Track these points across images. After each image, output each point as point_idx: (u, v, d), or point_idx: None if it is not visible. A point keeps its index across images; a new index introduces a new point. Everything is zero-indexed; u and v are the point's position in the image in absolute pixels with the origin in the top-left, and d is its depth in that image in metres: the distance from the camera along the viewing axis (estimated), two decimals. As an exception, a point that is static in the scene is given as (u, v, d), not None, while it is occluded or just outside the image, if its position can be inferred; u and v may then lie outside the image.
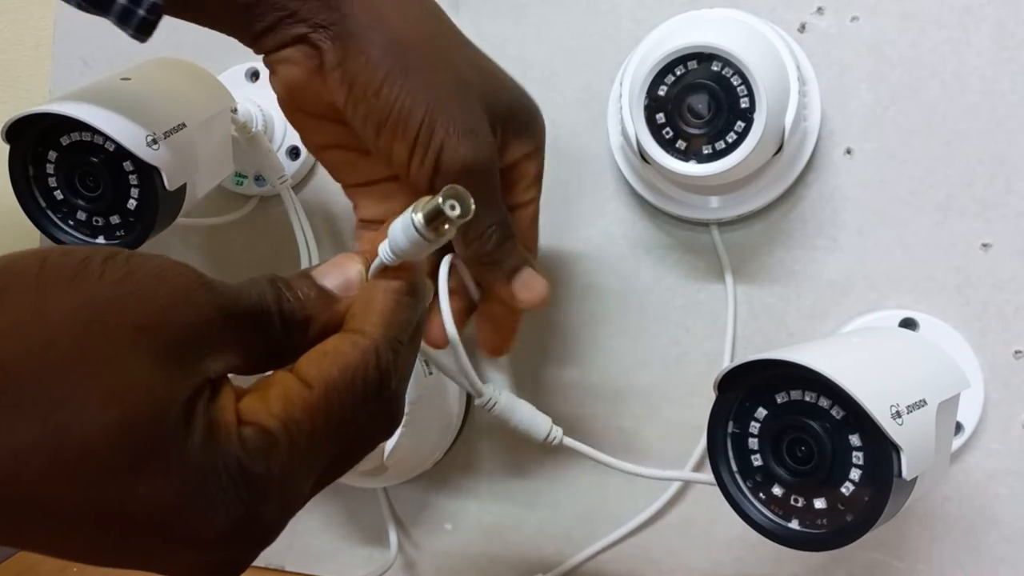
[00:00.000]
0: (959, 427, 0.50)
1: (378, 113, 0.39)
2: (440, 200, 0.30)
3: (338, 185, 0.45)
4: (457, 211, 0.30)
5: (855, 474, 0.37)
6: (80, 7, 0.40)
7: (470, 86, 0.40)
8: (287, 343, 0.31)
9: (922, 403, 0.38)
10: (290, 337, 0.31)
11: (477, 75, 0.41)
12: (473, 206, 0.30)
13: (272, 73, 0.41)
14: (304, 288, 0.31)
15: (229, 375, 0.29)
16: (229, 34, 0.40)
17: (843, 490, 0.37)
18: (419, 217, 0.30)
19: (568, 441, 0.47)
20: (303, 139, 0.44)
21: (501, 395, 0.45)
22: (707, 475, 0.52)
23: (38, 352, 0.25)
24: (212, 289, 0.28)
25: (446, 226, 0.30)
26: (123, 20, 0.39)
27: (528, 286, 0.43)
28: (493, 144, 0.40)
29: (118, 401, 0.25)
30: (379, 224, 0.38)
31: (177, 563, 0.28)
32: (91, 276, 0.26)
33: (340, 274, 0.32)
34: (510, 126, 0.42)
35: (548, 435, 0.46)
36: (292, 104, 0.41)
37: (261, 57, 0.41)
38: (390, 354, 0.31)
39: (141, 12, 0.39)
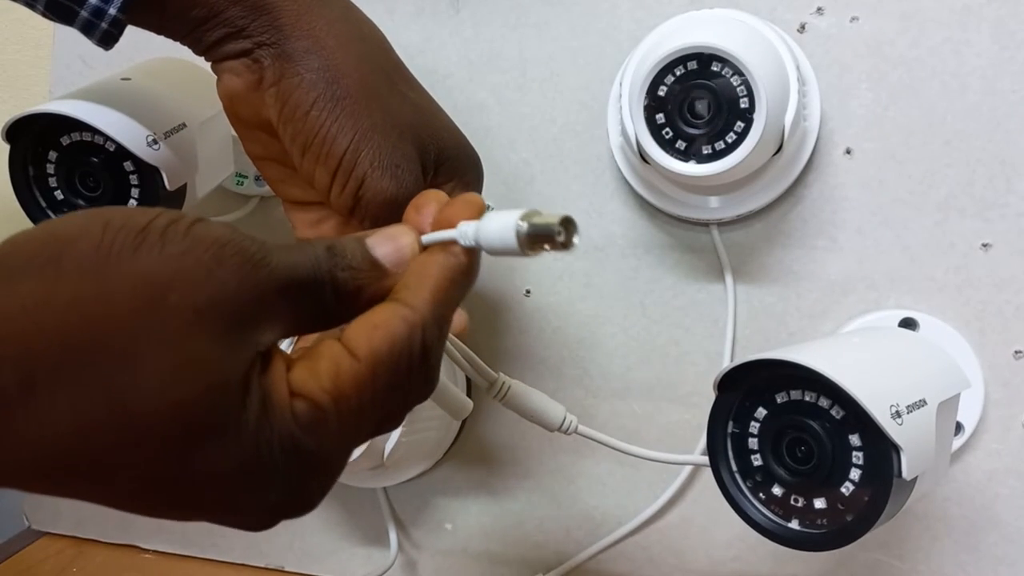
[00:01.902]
0: (959, 427, 0.50)
1: (304, 135, 0.39)
2: (555, 223, 0.29)
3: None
4: (562, 239, 0.30)
5: (855, 474, 0.37)
6: (45, 16, 0.40)
7: (402, 123, 0.40)
8: (336, 311, 0.31)
9: (922, 403, 0.38)
10: (340, 306, 0.31)
11: (412, 113, 0.41)
12: (576, 243, 0.30)
13: (217, 80, 0.42)
14: (358, 258, 0.31)
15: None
16: (183, 43, 0.41)
17: (843, 490, 0.37)
18: (525, 227, 0.30)
19: (583, 429, 0.47)
20: (244, 147, 0.45)
21: (512, 382, 0.45)
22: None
23: (100, 329, 0.25)
24: (268, 265, 0.29)
25: (545, 246, 0.30)
26: (86, 31, 0.40)
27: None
28: (420, 182, 0.40)
29: (177, 379, 0.26)
30: None
31: (224, 523, 0.29)
32: (152, 249, 0.27)
33: (394, 248, 0.32)
34: (443, 167, 0.43)
35: (563, 422, 0.46)
36: (232, 112, 0.42)
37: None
38: (436, 331, 0.31)
39: (104, 25, 0.40)
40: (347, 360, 0.29)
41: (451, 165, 0.43)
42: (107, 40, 0.40)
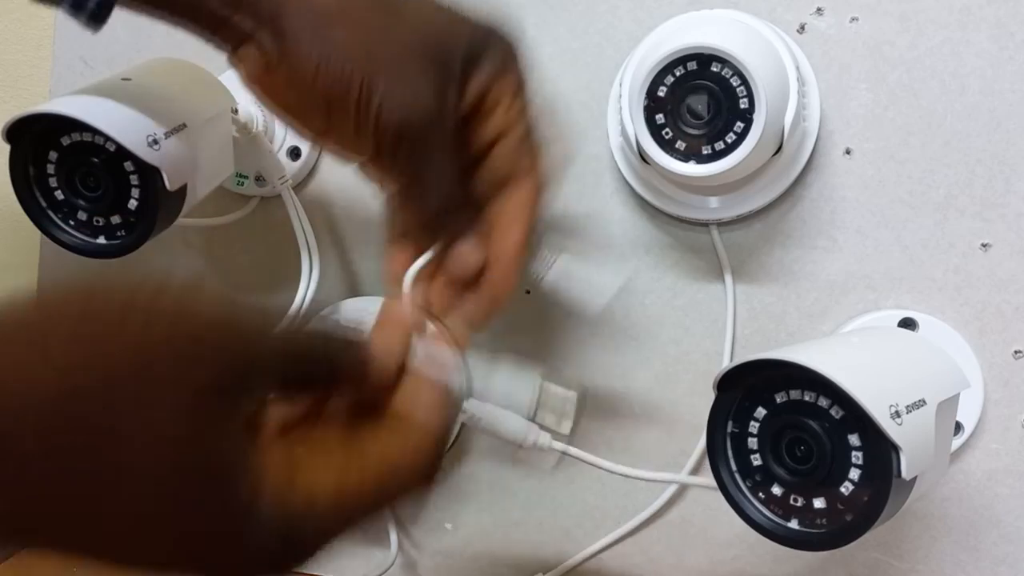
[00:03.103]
0: (959, 427, 0.50)
1: (323, 100, 0.38)
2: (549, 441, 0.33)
3: (339, 186, 0.45)
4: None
5: (855, 474, 0.37)
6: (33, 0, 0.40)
7: (407, 40, 0.39)
8: (324, 386, 0.33)
9: (921, 403, 0.38)
10: (328, 383, 0.33)
11: (420, 24, 0.39)
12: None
13: (237, 72, 0.41)
14: (356, 363, 0.33)
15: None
16: (198, 34, 0.40)
17: (843, 490, 0.37)
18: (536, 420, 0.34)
19: (558, 445, 0.48)
20: (299, 131, 0.43)
21: (483, 408, 0.46)
22: (702, 478, 0.53)
23: (90, 395, 0.26)
24: (254, 350, 0.30)
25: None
26: (75, 11, 0.40)
27: (459, 259, 0.41)
28: (441, 95, 0.39)
29: (159, 460, 0.27)
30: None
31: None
32: (135, 328, 0.27)
33: (387, 364, 0.34)
34: (478, 62, 0.40)
35: (526, 440, 0.47)
36: (265, 99, 0.41)
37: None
38: (438, 449, 0.33)
39: (91, 5, 0.39)
40: (353, 477, 0.31)
41: (485, 57, 0.40)
42: (95, 20, 0.40)
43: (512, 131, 0.41)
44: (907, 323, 0.51)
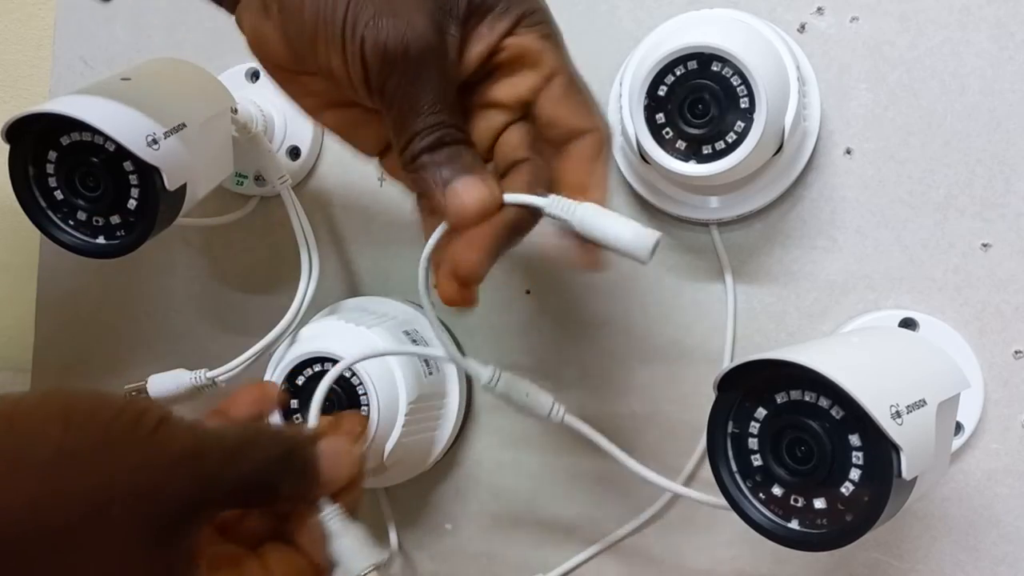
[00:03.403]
0: (959, 427, 0.50)
1: (310, 30, 0.35)
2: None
3: (338, 185, 0.45)
4: None
5: (855, 474, 0.37)
6: None
7: None
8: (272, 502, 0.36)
9: (922, 403, 0.38)
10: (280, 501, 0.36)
11: None
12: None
13: (243, 32, 0.38)
14: (306, 477, 0.35)
15: None
16: None
17: (843, 490, 0.37)
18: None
19: (570, 419, 0.47)
20: (299, 105, 0.40)
21: (502, 374, 0.45)
22: (697, 492, 0.53)
23: (51, 533, 0.26)
24: (220, 480, 0.31)
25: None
26: None
27: (459, 193, 0.35)
28: (425, 27, 0.34)
29: None
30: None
31: None
32: (111, 452, 0.28)
33: (335, 475, 0.36)
34: (473, 5, 0.36)
35: (551, 411, 0.46)
36: (267, 61, 0.38)
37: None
38: None
39: None
40: None
41: (499, 5, 0.36)
42: None
43: (555, 81, 0.37)
44: (907, 323, 0.51)
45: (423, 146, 0.35)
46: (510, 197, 0.36)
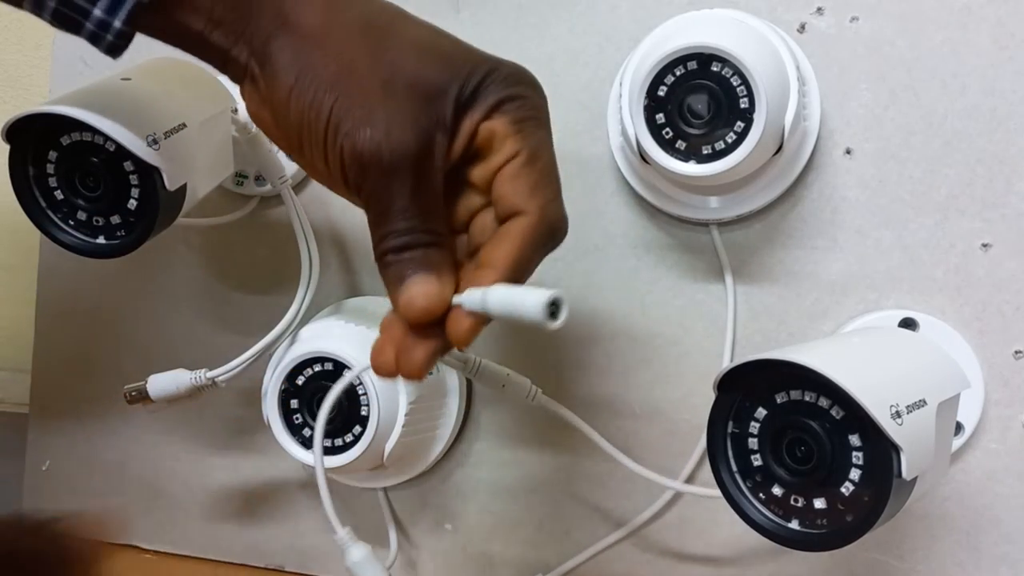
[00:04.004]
0: (959, 427, 0.50)
1: (294, 128, 0.37)
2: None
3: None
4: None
5: (855, 474, 0.37)
6: (52, 24, 0.39)
7: (391, 72, 0.36)
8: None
9: (922, 403, 0.38)
10: None
11: (411, 53, 0.37)
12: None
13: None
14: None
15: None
16: (209, 63, 0.39)
17: (843, 490, 0.37)
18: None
19: (544, 399, 0.52)
20: (308, 173, 0.41)
21: (482, 361, 0.51)
22: (699, 487, 0.53)
23: None
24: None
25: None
26: (93, 41, 0.39)
27: (409, 288, 0.37)
28: (402, 138, 0.36)
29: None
30: None
31: None
32: None
33: None
34: (461, 104, 0.37)
35: (528, 393, 0.53)
36: (266, 133, 0.40)
37: None
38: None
39: (110, 37, 0.38)
40: None
41: (466, 91, 0.37)
42: (114, 51, 0.39)
43: (514, 160, 0.38)
44: (907, 323, 0.51)
45: (390, 247, 0.37)
46: (457, 298, 0.37)
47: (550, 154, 0.39)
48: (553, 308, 0.34)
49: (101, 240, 0.49)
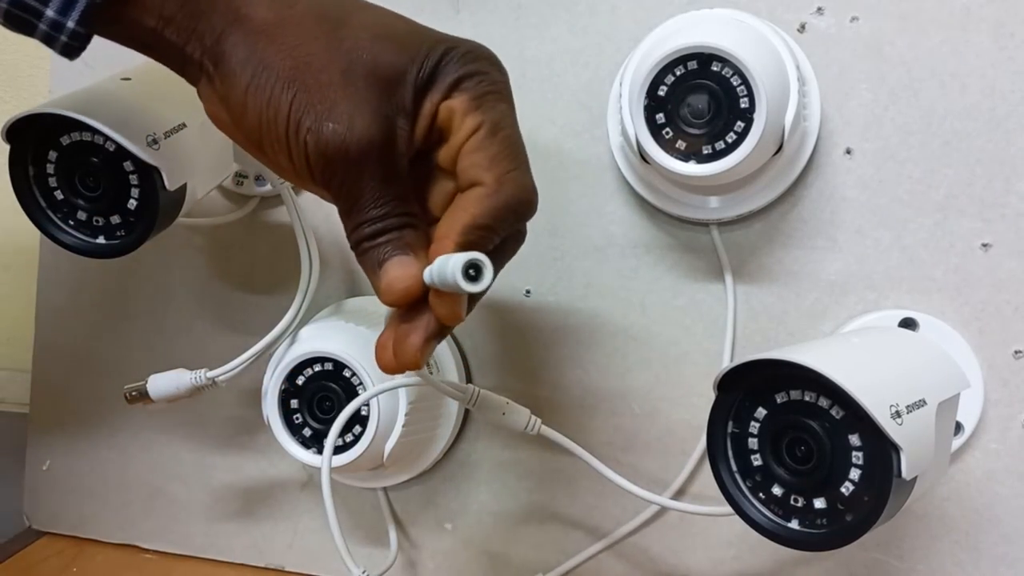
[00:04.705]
0: (959, 427, 0.50)
1: (254, 130, 0.36)
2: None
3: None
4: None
5: (855, 474, 0.37)
6: (5, 27, 0.38)
7: (348, 60, 0.36)
8: None
9: (922, 403, 0.38)
10: None
11: (366, 39, 0.36)
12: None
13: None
14: None
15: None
16: (165, 64, 0.38)
17: (843, 490, 0.37)
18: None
19: (546, 430, 0.50)
20: (277, 174, 0.40)
21: (480, 392, 0.48)
22: (687, 504, 0.53)
23: None
24: None
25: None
26: (47, 42, 0.38)
27: (387, 271, 0.37)
28: (366, 127, 0.35)
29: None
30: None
31: None
32: None
33: None
34: (421, 88, 0.37)
35: (527, 425, 0.49)
36: (226, 134, 0.39)
37: None
38: None
39: (63, 38, 0.37)
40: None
41: (425, 73, 0.37)
42: (69, 52, 0.38)
43: (476, 135, 0.37)
44: (907, 323, 0.51)
45: (365, 234, 0.37)
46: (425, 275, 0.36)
47: (512, 127, 0.38)
48: (473, 271, 0.33)
49: (101, 240, 0.49)
